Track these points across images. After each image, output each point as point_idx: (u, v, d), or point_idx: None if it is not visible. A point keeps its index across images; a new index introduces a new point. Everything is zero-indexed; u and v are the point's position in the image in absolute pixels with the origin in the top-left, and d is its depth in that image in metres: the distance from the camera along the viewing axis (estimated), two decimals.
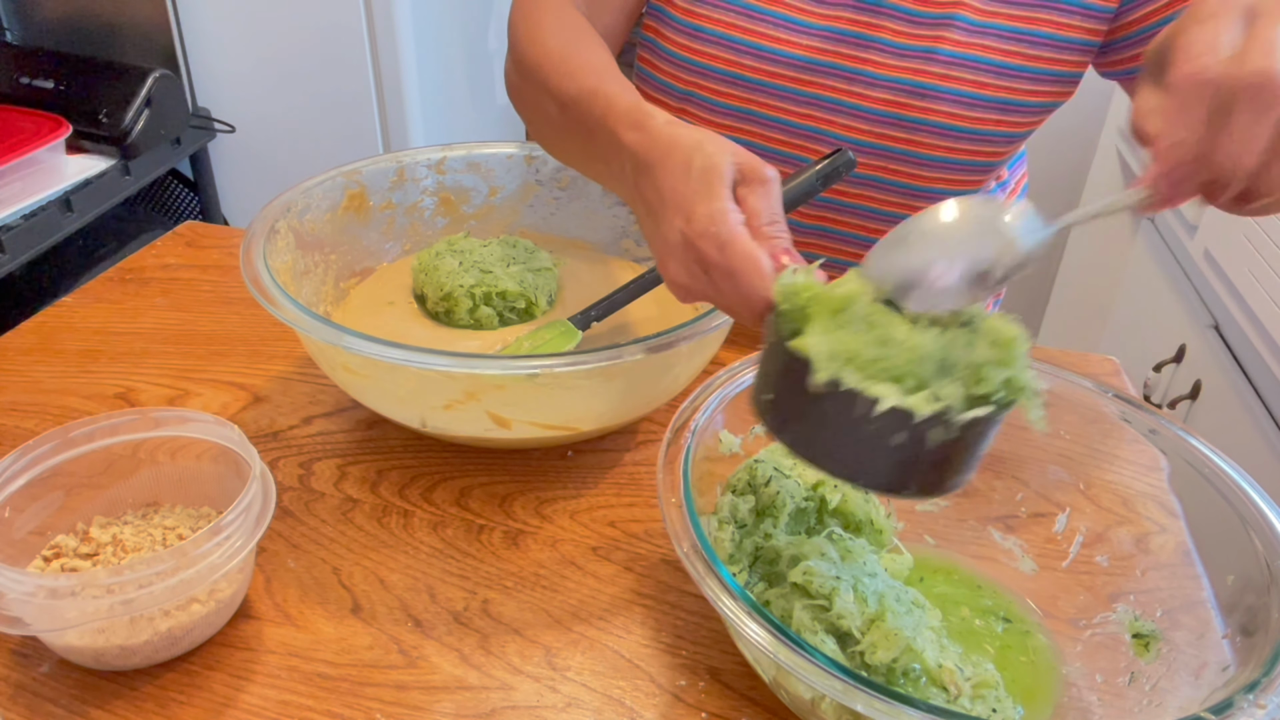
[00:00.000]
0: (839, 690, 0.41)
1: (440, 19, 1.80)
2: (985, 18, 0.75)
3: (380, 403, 0.65)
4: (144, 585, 0.49)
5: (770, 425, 0.47)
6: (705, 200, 0.50)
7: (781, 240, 0.49)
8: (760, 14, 0.79)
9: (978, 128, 0.78)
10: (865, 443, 0.42)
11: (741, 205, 0.50)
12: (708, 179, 0.50)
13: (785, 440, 0.46)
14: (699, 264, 0.50)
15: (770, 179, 0.51)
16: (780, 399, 0.46)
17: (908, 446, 0.42)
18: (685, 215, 0.50)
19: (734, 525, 0.56)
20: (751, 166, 0.51)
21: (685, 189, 0.51)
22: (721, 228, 0.48)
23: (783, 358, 0.44)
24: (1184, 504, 0.57)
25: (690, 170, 0.51)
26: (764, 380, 0.47)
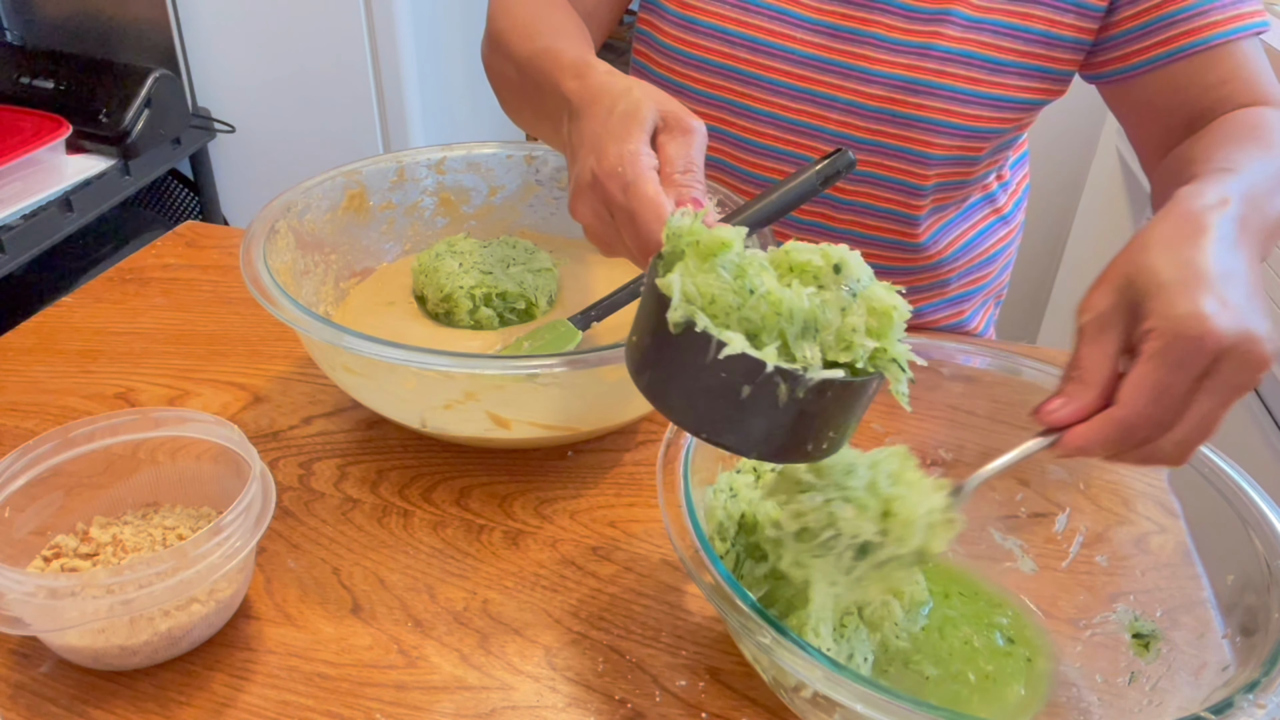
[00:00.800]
0: (839, 690, 0.41)
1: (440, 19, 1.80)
2: (980, 13, 0.75)
3: (380, 403, 0.65)
4: (144, 585, 0.49)
5: (631, 368, 0.46)
6: (618, 141, 0.50)
7: (692, 189, 0.49)
8: (755, 7, 0.79)
9: (971, 124, 0.78)
10: (715, 393, 0.41)
11: (660, 152, 0.50)
12: (625, 121, 0.50)
13: (642, 385, 0.45)
14: (604, 203, 0.50)
15: (693, 129, 0.51)
16: (642, 340, 0.44)
17: (757, 402, 0.40)
18: (598, 155, 0.50)
19: (728, 494, 0.56)
20: (676, 115, 0.51)
21: (603, 130, 0.51)
22: (629, 168, 0.48)
23: (650, 298, 0.43)
24: (1184, 504, 0.57)
25: (612, 113, 0.51)
26: (635, 322, 0.46)
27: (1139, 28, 0.75)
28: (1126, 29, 0.75)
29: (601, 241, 0.53)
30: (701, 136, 0.52)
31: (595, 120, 0.52)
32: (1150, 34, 0.74)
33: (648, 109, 0.51)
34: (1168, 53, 0.74)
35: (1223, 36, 0.72)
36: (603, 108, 0.53)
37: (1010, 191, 0.94)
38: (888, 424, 0.64)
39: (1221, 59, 0.73)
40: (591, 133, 0.52)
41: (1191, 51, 0.73)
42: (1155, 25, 0.74)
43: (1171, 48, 0.74)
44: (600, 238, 0.52)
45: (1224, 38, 0.72)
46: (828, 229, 0.86)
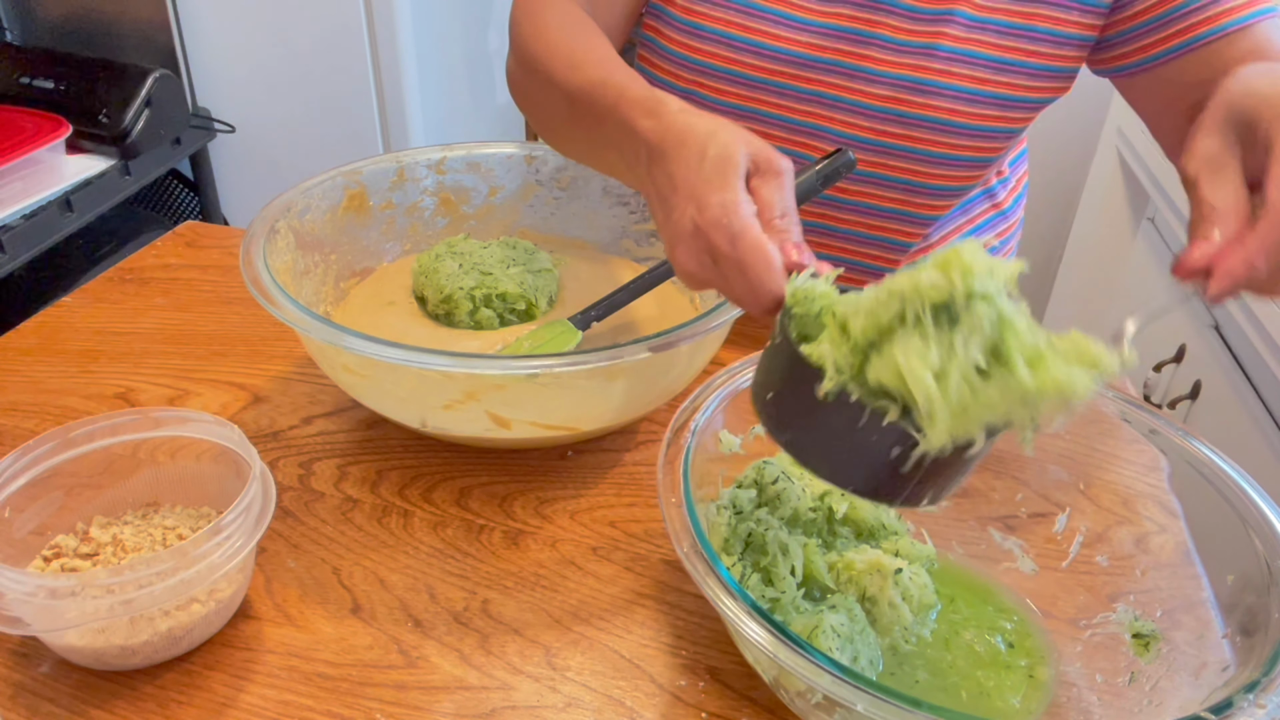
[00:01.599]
0: (839, 690, 0.41)
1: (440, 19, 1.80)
2: (984, 13, 0.75)
3: (380, 403, 0.65)
4: (144, 585, 0.49)
5: (769, 424, 0.47)
6: (718, 190, 0.49)
7: (792, 234, 0.49)
8: (760, 11, 0.79)
9: (976, 123, 0.78)
10: (862, 452, 0.43)
11: (754, 196, 0.50)
12: (721, 168, 0.50)
13: (783, 441, 0.46)
14: (709, 254, 0.50)
15: (784, 170, 0.51)
16: (783, 400, 0.46)
17: (904, 460, 0.42)
18: (698, 204, 0.50)
19: (731, 511, 0.56)
20: (765, 157, 0.51)
21: (698, 178, 0.51)
22: (733, 219, 0.48)
23: (790, 360, 0.44)
24: (1184, 504, 0.57)
25: (704, 159, 0.51)
26: (767, 378, 0.47)
27: (1155, 19, 0.75)
28: (1141, 21, 0.75)
29: (701, 285, 0.52)
30: (791, 176, 0.52)
31: (686, 166, 0.52)
32: (1167, 24, 0.74)
33: (740, 153, 0.51)
34: (1185, 42, 0.74)
35: (1239, 23, 0.72)
36: (692, 152, 0.52)
37: (1010, 188, 0.94)
38: None
39: (1240, 40, 0.72)
40: (685, 180, 0.51)
41: (1209, 39, 0.73)
42: (1172, 15, 0.74)
43: (1189, 37, 0.73)
44: (704, 284, 0.52)
45: (1240, 24, 0.72)
46: (831, 229, 0.86)
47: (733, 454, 0.59)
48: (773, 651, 0.42)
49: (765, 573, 0.54)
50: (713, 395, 0.57)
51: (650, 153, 0.55)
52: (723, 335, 0.67)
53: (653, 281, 0.71)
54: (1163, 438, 0.56)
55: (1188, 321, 1.40)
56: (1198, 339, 1.36)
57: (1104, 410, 0.59)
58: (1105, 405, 0.59)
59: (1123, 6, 0.75)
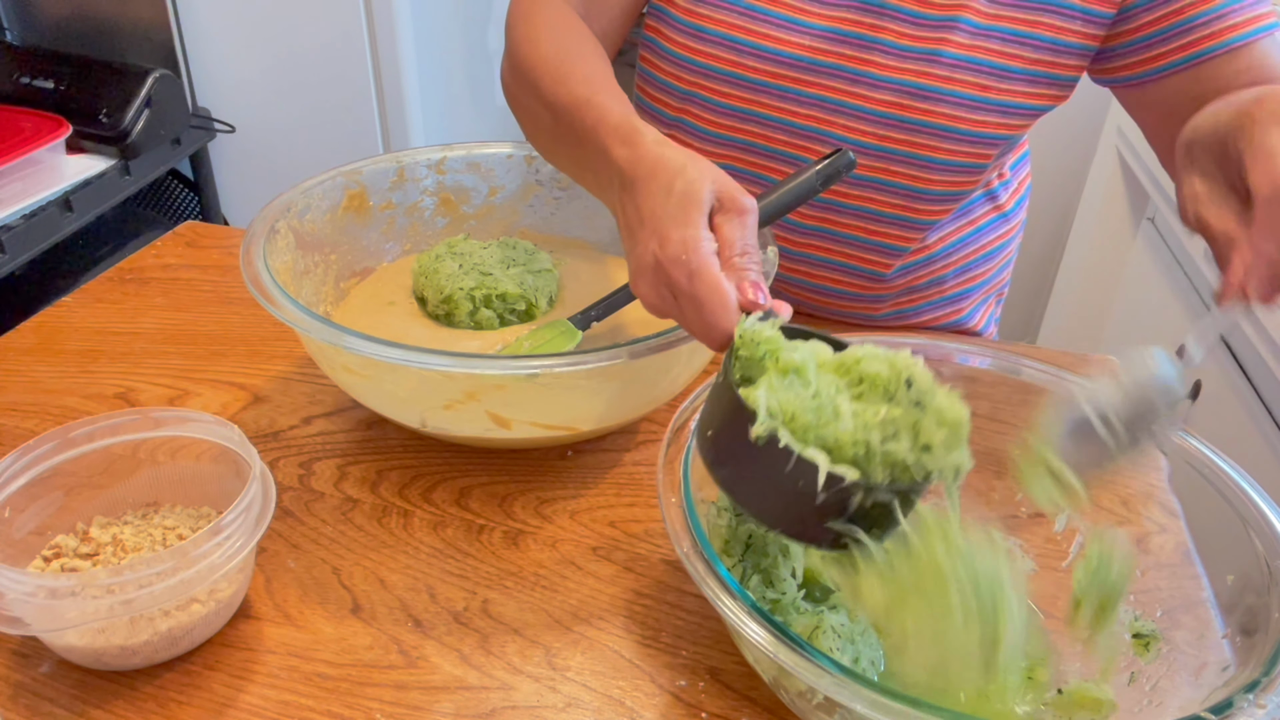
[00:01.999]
0: (839, 690, 0.41)
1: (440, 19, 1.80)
2: (988, 20, 0.75)
3: (380, 403, 0.65)
4: (144, 585, 0.49)
5: (707, 460, 0.49)
6: (679, 226, 0.51)
7: (750, 272, 0.50)
8: (762, 14, 0.79)
9: (978, 130, 0.78)
10: (791, 497, 0.44)
11: (717, 233, 0.51)
12: (684, 204, 0.51)
13: (718, 477, 0.48)
14: (668, 288, 0.51)
15: (747, 209, 0.52)
16: (720, 438, 0.47)
17: (831, 507, 0.44)
18: (660, 238, 0.51)
19: (732, 513, 0.56)
20: (730, 195, 0.52)
21: (663, 212, 0.52)
22: (692, 256, 0.49)
23: (729, 400, 0.46)
24: (1184, 504, 0.57)
25: (670, 194, 0.52)
26: (709, 414, 0.49)
27: (1158, 33, 0.75)
28: (1144, 34, 0.75)
29: (663, 315, 0.54)
30: (754, 215, 0.53)
31: (653, 199, 0.53)
32: (1169, 39, 0.74)
33: (705, 190, 0.52)
34: (1188, 57, 0.74)
35: (1243, 39, 0.72)
36: (659, 185, 0.53)
37: (1011, 190, 0.94)
38: None
39: (1240, 57, 0.73)
40: (650, 212, 0.53)
41: (1212, 55, 0.73)
42: (1174, 30, 0.74)
43: (1191, 52, 0.74)
44: (663, 314, 0.54)
45: (1244, 39, 0.72)
46: (831, 233, 0.86)
47: None
48: (773, 652, 0.42)
49: (765, 574, 0.54)
50: None
51: (622, 182, 0.56)
52: None
53: None
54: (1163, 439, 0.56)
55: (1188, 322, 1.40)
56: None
57: None
58: None
59: (1126, 19, 0.75)
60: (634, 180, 0.55)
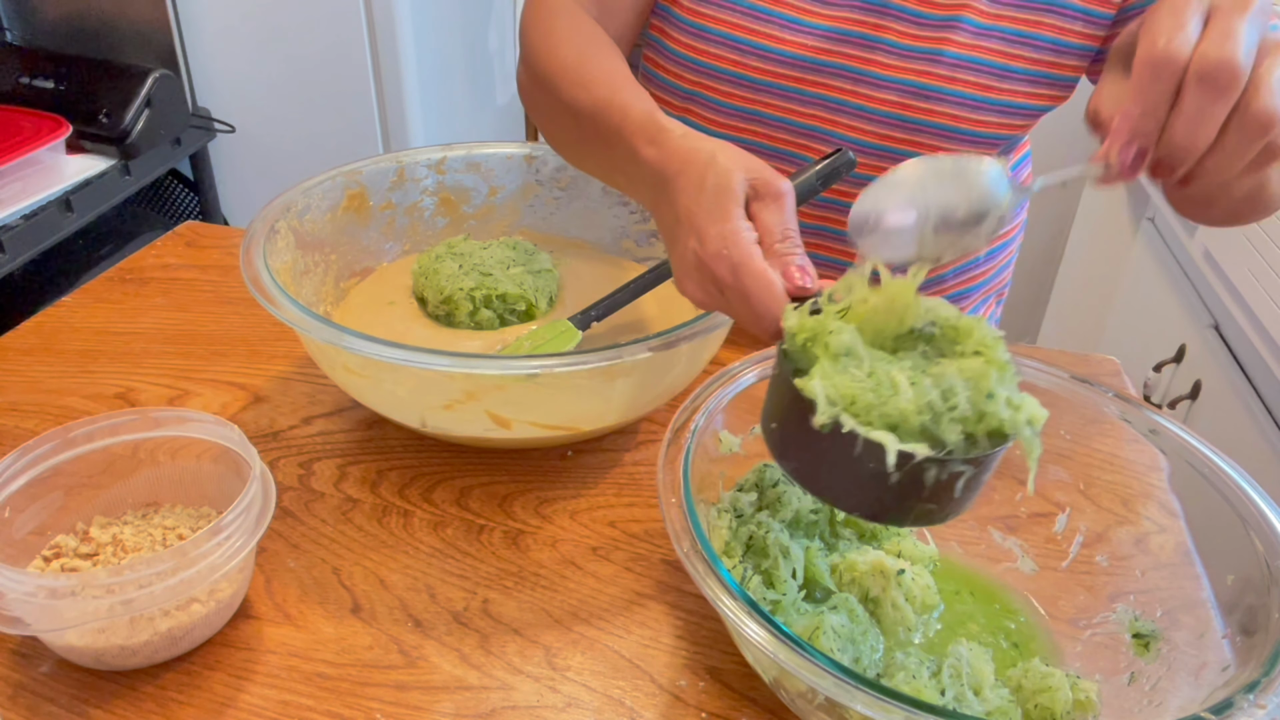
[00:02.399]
0: (839, 690, 0.41)
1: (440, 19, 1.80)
2: (990, 20, 0.76)
3: (380, 403, 0.65)
4: (144, 585, 0.49)
5: (775, 452, 0.48)
6: (718, 220, 0.50)
7: (794, 256, 0.49)
8: (765, 14, 0.79)
9: (979, 130, 0.78)
10: (865, 479, 0.44)
11: (755, 222, 0.51)
12: (719, 198, 0.51)
13: (788, 468, 0.48)
14: (714, 284, 0.50)
15: (784, 193, 0.51)
16: (784, 430, 0.47)
17: (907, 484, 0.43)
18: (699, 235, 0.51)
19: (732, 514, 0.56)
20: (764, 181, 0.52)
21: (698, 208, 0.51)
22: (734, 250, 0.49)
23: (787, 392, 0.45)
24: (1184, 504, 0.57)
25: (704, 188, 0.51)
26: (771, 409, 0.48)
27: None
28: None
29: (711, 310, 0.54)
30: (792, 198, 0.52)
31: (687, 195, 0.52)
32: None
33: (738, 180, 0.51)
34: None
35: None
36: (692, 182, 0.53)
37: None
38: None
39: None
40: (686, 210, 0.52)
41: None
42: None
43: None
44: (710, 308, 0.53)
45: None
46: (833, 232, 0.86)
47: (733, 454, 0.59)
48: (773, 652, 0.42)
49: (766, 575, 0.54)
50: (713, 395, 0.57)
51: (654, 183, 0.56)
52: (723, 335, 0.67)
53: (653, 281, 0.71)
54: (1163, 438, 0.56)
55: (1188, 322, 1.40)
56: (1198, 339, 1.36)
57: (1104, 410, 0.59)
58: (1105, 405, 0.59)
59: (1124, 20, 0.76)
60: (665, 179, 0.55)
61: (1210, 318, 1.36)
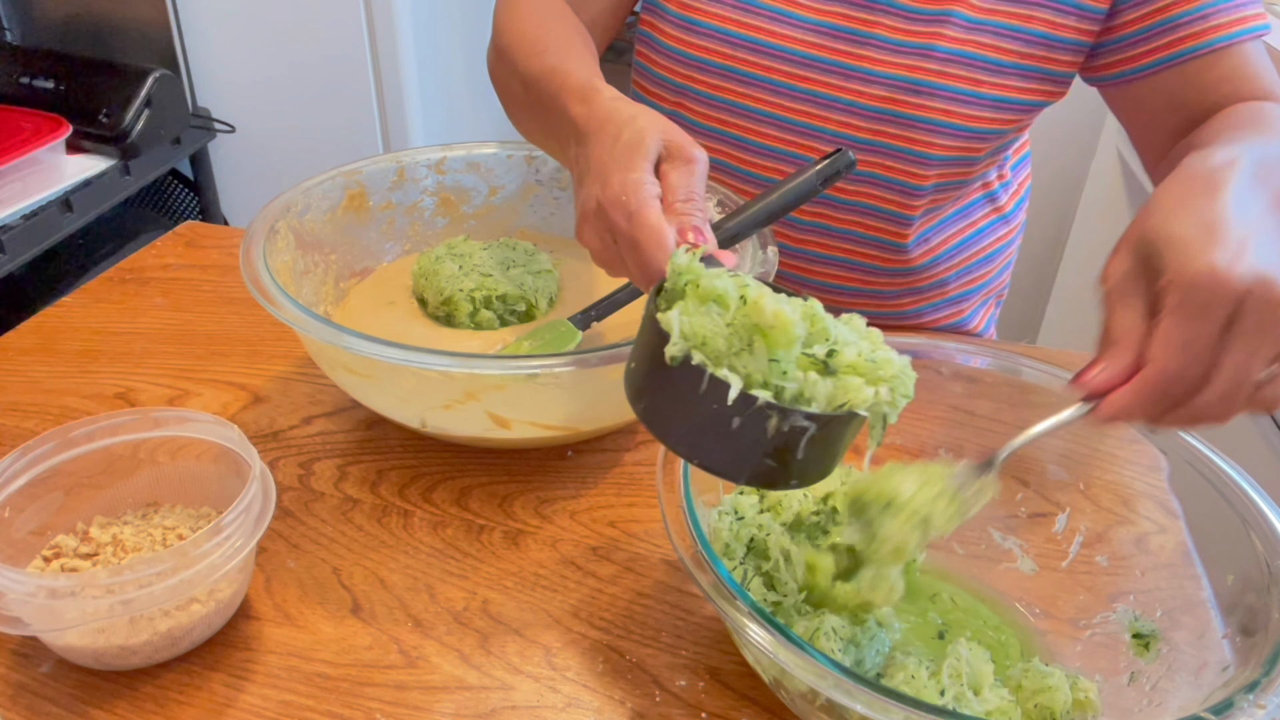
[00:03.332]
0: (839, 690, 0.41)
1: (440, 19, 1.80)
2: (981, 14, 0.76)
3: (380, 403, 0.65)
4: (144, 585, 0.49)
5: (629, 393, 0.48)
6: (622, 170, 0.51)
7: (692, 217, 0.50)
8: (755, 7, 0.79)
9: (972, 124, 0.78)
10: (708, 423, 0.43)
11: (663, 180, 0.52)
12: (629, 150, 0.52)
13: (639, 410, 0.47)
14: (609, 230, 0.52)
15: (695, 158, 0.53)
16: (640, 368, 0.47)
17: (747, 433, 0.42)
18: (602, 183, 0.52)
19: (733, 516, 0.56)
20: (679, 144, 0.53)
21: (608, 158, 0.53)
22: (632, 197, 0.50)
23: (648, 328, 0.46)
24: (1184, 504, 0.57)
25: (617, 141, 0.53)
26: (634, 349, 0.48)
27: (1142, 31, 0.75)
28: (1129, 32, 0.75)
29: (606, 265, 0.54)
30: (703, 165, 0.53)
31: (601, 147, 0.54)
32: (1154, 37, 0.74)
33: (652, 138, 0.53)
34: (1171, 56, 0.74)
35: (1226, 40, 0.72)
36: (609, 135, 0.54)
37: (1012, 191, 0.94)
38: None
39: (1224, 59, 0.73)
40: (598, 160, 0.53)
41: (1195, 54, 0.73)
42: (1159, 28, 0.74)
43: (1175, 51, 0.74)
44: (605, 261, 0.54)
45: (1227, 40, 0.72)
46: (828, 229, 0.86)
47: None
48: (773, 652, 0.42)
49: (767, 577, 0.54)
50: None
51: (576, 136, 0.58)
52: None
53: None
54: (1163, 438, 0.56)
55: None
56: None
57: None
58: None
59: (1116, 14, 0.76)
60: (586, 133, 0.56)
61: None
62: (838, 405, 0.43)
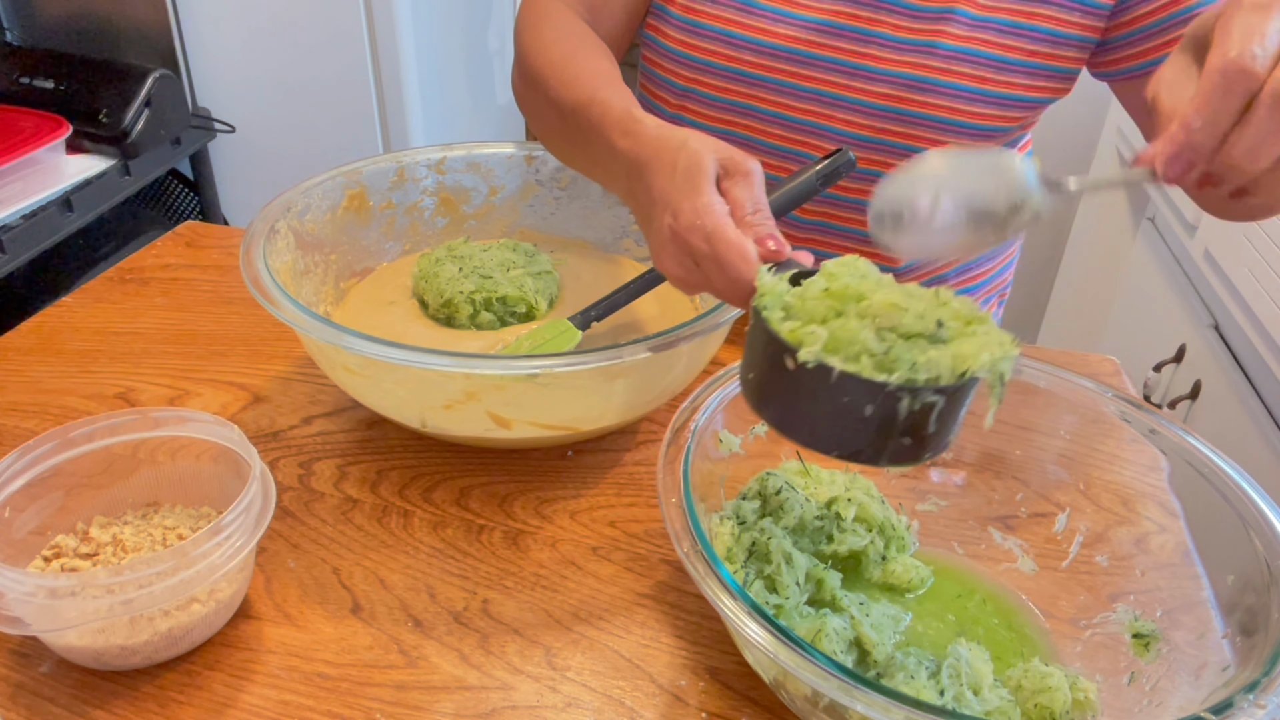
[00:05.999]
0: (839, 691, 0.41)
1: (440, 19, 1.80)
2: (985, 12, 0.76)
3: (380, 403, 0.65)
4: (144, 585, 0.49)
5: (753, 402, 0.50)
6: (690, 196, 0.52)
7: (764, 227, 0.52)
8: (758, 9, 0.79)
9: (976, 122, 0.78)
10: (840, 414, 0.45)
11: (726, 198, 0.53)
12: (691, 176, 0.53)
13: (767, 416, 0.49)
14: (690, 256, 0.53)
15: (752, 171, 0.54)
16: (761, 377, 0.48)
17: (881, 417, 0.44)
18: (673, 211, 0.53)
19: (735, 521, 0.56)
20: (734, 160, 0.54)
21: (671, 187, 0.54)
22: (706, 219, 0.51)
23: (764, 338, 0.47)
24: (1184, 504, 0.57)
25: (676, 169, 0.54)
26: (749, 360, 0.50)
27: (1153, 25, 0.75)
28: (1139, 27, 0.75)
29: (690, 288, 0.56)
30: (760, 176, 0.54)
31: (661, 177, 0.55)
32: (1162, 32, 0.75)
33: (709, 160, 0.54)
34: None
35: None
36: (665, 164, 0.55)
37: None
38: None
39: None
40: (661, 191, 0.55)
41: None
42: (1167, 23, 0.74)
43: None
44: (689, 285, 0.55)
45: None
46: (831, 227, 0.86)
47: (733, 455, 0.59)
48: (772, 652, 0.42)
49: (769, 580, 0.54)
50: (713, 395, 0.57)
51: (629, 170, 0.59)
52: (723, 335, 0.67)
53: (653, 281, 0.71)
54: (1163, 438, 0.56)
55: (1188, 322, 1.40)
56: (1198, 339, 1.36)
57: (1104, 410, 0.59)
58: (1105, 405, 0.59)
59: (1123, 10, 0.76)
60: (640, 166, 0.57)
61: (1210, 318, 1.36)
62: (960, 374, 0.44)
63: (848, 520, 0.59)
